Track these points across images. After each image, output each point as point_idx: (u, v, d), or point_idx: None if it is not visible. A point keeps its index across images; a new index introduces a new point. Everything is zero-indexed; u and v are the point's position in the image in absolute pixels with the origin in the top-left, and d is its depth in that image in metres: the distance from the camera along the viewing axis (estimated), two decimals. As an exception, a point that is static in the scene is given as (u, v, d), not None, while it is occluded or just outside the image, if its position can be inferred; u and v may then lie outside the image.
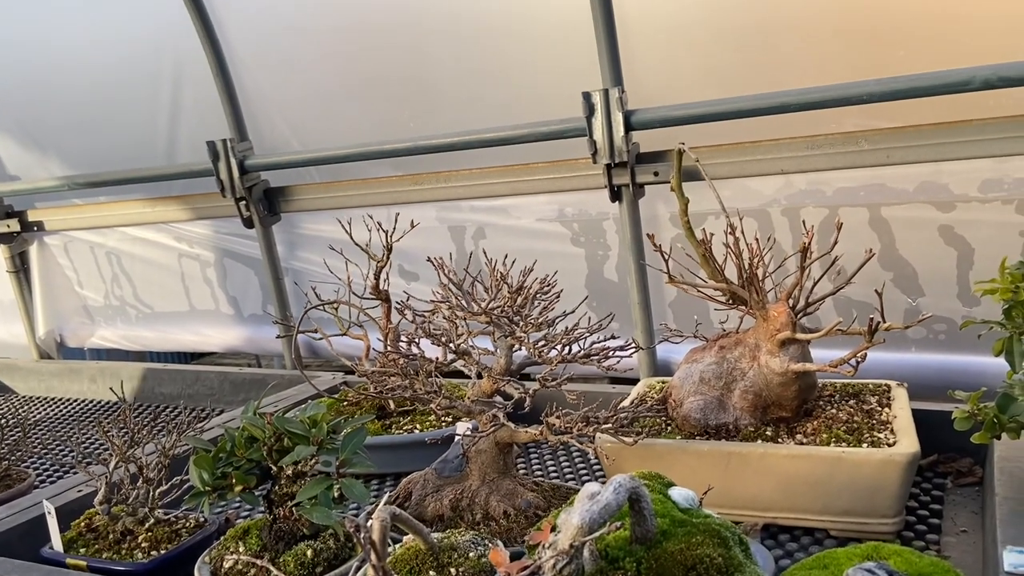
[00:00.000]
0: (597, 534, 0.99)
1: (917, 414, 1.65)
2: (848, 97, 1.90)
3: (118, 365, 3.04)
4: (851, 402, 1.74)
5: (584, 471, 1.95)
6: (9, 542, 1.67)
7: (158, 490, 1.64)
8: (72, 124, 3.05)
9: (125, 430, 1.67)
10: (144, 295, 3.25)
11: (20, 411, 2.11)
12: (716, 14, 2.09)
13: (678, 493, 1.22)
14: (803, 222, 1.86)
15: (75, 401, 2.99)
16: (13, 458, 2.02)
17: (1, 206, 3.29)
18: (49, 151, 3.17)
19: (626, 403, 1.80)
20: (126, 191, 3.02)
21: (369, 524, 1.07)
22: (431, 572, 1.22)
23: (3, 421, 2.13)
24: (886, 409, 1.70)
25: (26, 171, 3.27)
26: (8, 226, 3.29)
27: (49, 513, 1.60)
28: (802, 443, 1.59)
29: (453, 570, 1.22)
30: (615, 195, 2.20)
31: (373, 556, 1.08)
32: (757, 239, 1.68)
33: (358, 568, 1.26)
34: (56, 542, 1.60)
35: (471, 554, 1.25)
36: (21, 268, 3.40)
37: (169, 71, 2.78)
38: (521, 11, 2.29)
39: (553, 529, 1.07)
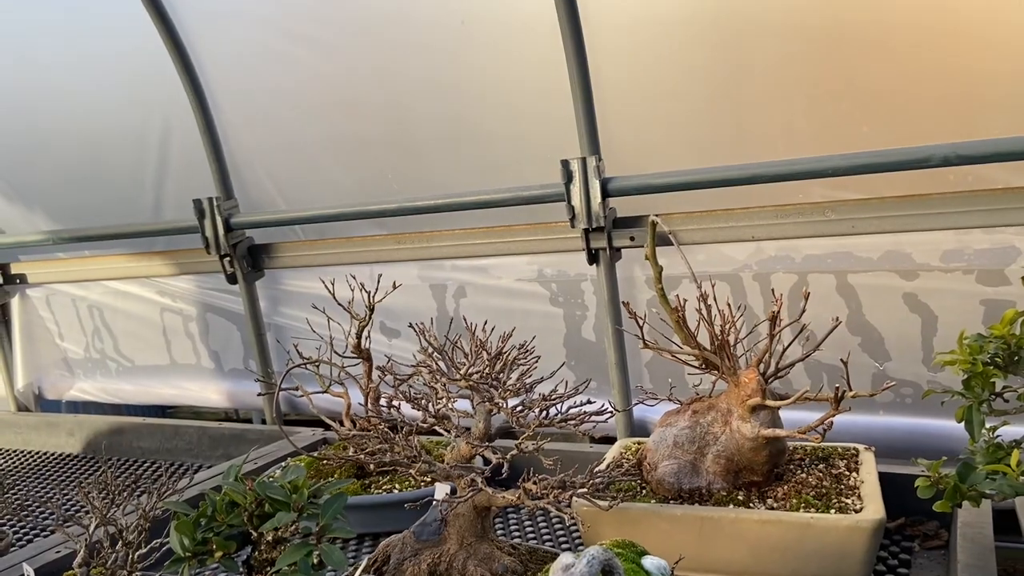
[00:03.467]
0: (570, 606, 1.03)
1: (885, 477, 1.71)
2: (815, 170, 1.98)
3: (96, 419, 3.04)
4: (820, 466, 1.79)
5: (561, 533, 1.98)
6: (-16, 606, 1.67)
7: (137, 553, 1.65)
8: (59, 180, 3.09)
9: (105, 491, 1.68)
10: (125, 348, 3.26)
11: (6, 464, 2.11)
12: (691, 86, 2.18)
13: (651, 562, 1.26)
14: (772, 290, 1.93)
15: (53, 455, 2.98)
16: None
17: (-16, 259, 3.31)
18: (34, 205, 3.20)
19: (602, 466, 1.83)
20: (110, 246, 3.06)
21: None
22: (409, 640, 1.24)
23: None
24: (854, 474, 1.75)
25: (9, 224, 3.29)
26: (-9, 279, 3.31)
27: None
28: (773, 508, 1.63)
29: (430, 638, 1.24)
30: (592, 258, 2.26)
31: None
32: (729, 305, 1.75)
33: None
34: (32, 606, 1.60)
35: (448, 622, 1.27)
36: (1, 320, 3.40)
37: (157, 130, 2.83)
38: (503, 78, 2.37)
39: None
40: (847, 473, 1.75)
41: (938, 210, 1.95)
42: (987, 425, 1.50)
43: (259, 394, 2.73)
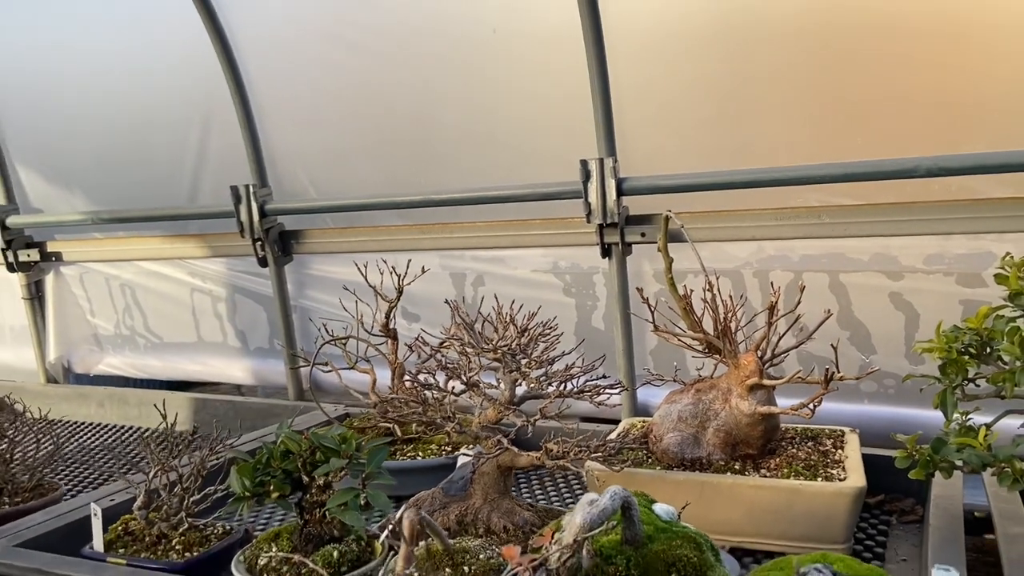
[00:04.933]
0: (595, 532, 1.21)
1: (867, 458, 1.88)
2: (811, 177, 2.17)
3: (126, 391, 3.20)
4: (810, 444, 1.98)
5: (569, 499, 2.16)
6: (51, 543, 1.83)
7: (192, 499, 1.83)
8: (100, 164, 3.26)
9: (165, 443, 1.86)
10: (154, 326, 3.43)
11: (42, 429, 2.28)
12: (701, 95, 2.37)
13: (660, 508, 1.44)
14: (771, 283, 2.12)
15: (83, 424, 3.15)
16: (47, 470, 2.19)
17: (22, 237, 3.47)
18: (74, 187, 3.37)
19: (612, 436, 2.02)
20: (145, 228, 3.23)
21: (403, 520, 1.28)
22: (447, 569, 1.42)
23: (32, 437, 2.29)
24: (839, 451, 1.93)
25: (48, 204, 3.46)
26: (28, 255, 3.47)
27: (95, 515, 1.77)
28: (766, 476, 1.81)
29: (466, 568, 1.42)
30: (605, 252, 2.45)
31: (404, 544, 1.29)
32: (731, 297, 1.93)
33: (388, 558, 1.45)
34: (98, 542, 1.77)
35: (481, 556, 1.45)
36: (36, 296, 3.57)
37: (199, 118, 3.01)
38: (525, 84, 2.56)
39: (553, 535, 1.29)
40: (833, 450, 1.94)
41: (923, 217, 2.14)
42: (960, 410, 1.68)
43: (292, 368, 2.90)
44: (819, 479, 1.76)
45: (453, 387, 1.83)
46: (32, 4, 3.12)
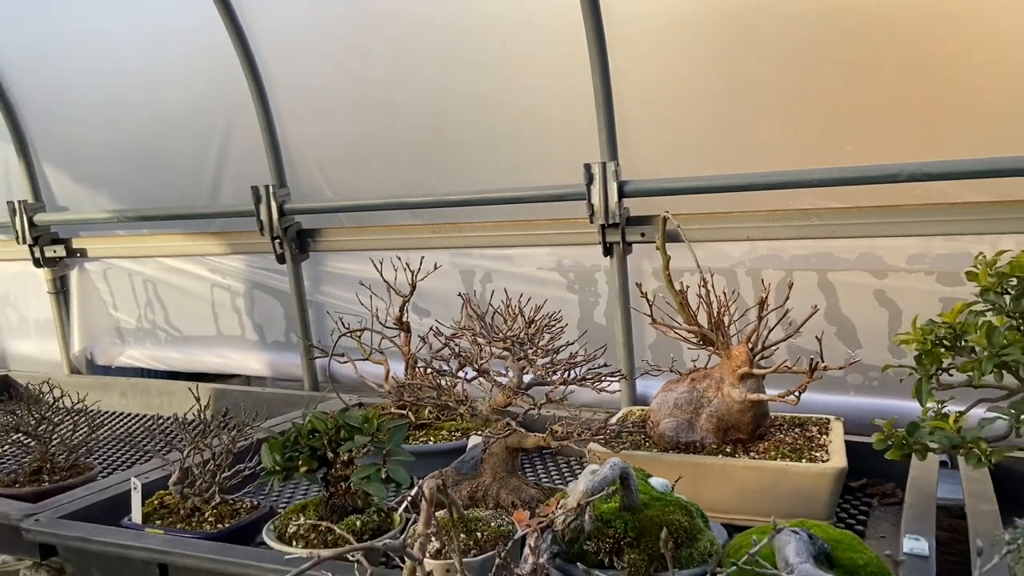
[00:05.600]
0: (597, 496, 1.35)
1: (852, 445, 2.02)
2: (801, 181, 2.31)
3: (148, 381, 3.36)
4: (797, 430, 2.12)
5: (572, 480, 2.30)
6: (92, 515, 1.97)
7: (223, 475, 1.97)
8: (124, 162, 3.41)
9: (198, 424, 2.00)
10: (175, 319, 3.58)
11: (77, 415, 2.43)
12: (699, 103, 2.50)
13: (656, 481, 1.59)
14: (762, 281, 2.25)
15: (107, 413, 3.29)
16: (82, 450, 2.33)
17: (48, 233, 3.62)
18: (99, 185, 3.52)
19: (613, 420, 2.16)
20: (168, 225, 3.38)
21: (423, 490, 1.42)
22: (462, 535, 1.56)
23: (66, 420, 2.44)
24: (824, 436, 2.07)
25: (74, 203, 3.61)
26: (54, 251, 3.62)
27: (136, 489, 1.91)
28: (755, 458, 1.95)
29: (479, 534, 1.56)
30: (607, 251, 2.59)
31: (424, 511, 1.43)
32: (725, 293, 2.08)
33: (408, 526, 1.60)
34: (136, 514, 1.92)
35: (492, 523, 1.60)
36: (61, 290, 3.72)
37: (221, 121, 3.16)
38: (533, 91, 2.70)
39: (558, 503, 1.43)
40: (818, 436, 2.08)
41: (906, 219, 2.28)
42: (936, 398, 1.82)
43: (308, 359, 3.05)
44: (803, 461, 1.90)
45: (465, 374, 1.98)
46: (59, 10, 3.27)
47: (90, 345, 3.77)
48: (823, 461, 1.90)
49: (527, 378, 2.00)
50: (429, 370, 1.96)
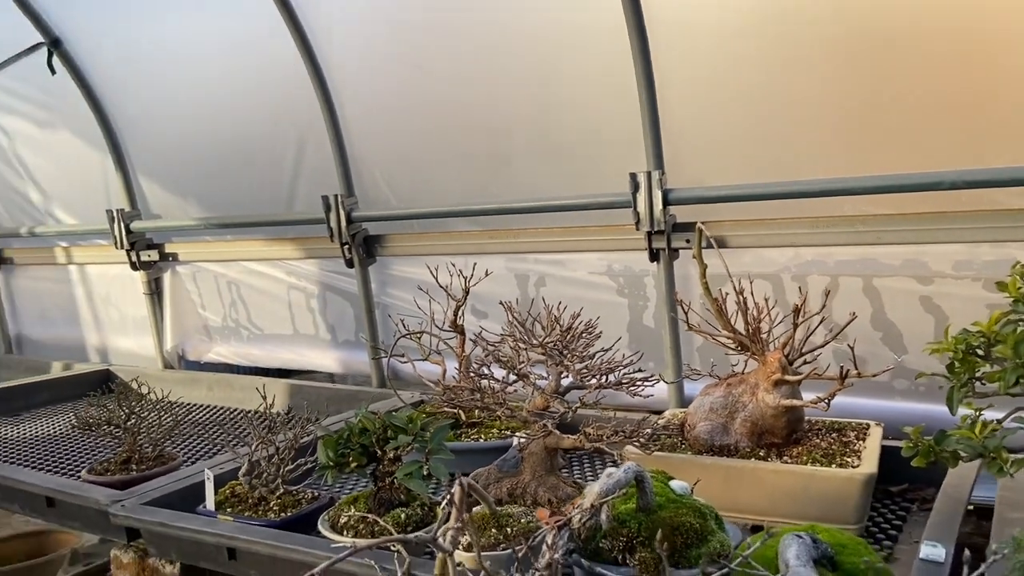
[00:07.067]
0: (610, 498, 1.46)
1: (894, 450, 2.02)
2: (845, 189, 2.34)
3: (231, 376, 3.61)
4: (834, 435, 2.15)
5: (615, 480, 2.39)
6: (171, 502, 2.19)
7: (286, 468, 2.16)
8: (210, 174, 3.68)
9: (265, 422, 2.20)
10: (256, 319, 3.84)
11: (163, 408, 2.67)
12: (744, 111, 2.55)
13: (676, 484, 1.68)
14: (799, 288, 2.29)
15: (195, 405, 3.57)
16: (167, 442, 2.57)
17: (143, 239, 3.93)
18: (188, 195, 3.81)
19: (659, 422, 2.25)
20: (249, 232, 3.64)
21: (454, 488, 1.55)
22: (493, 529, 1.69)
23: (153, 415, 2.69)
24: (861, 442, 2.10)
25: (167, 211, 3.91)
26: (149, 256, 3.94)
27: (208, 479, 2.12)
28: (786, 462, 2.01)
29: (508, 529, 1.69)
30: (653, 257, 2.67)
31: (455, 509, 1.57)
32: (767, 299, 2.12)
33: (443, 522, 1.73)
34: (210, 502, 2.12)
35: (522, 520, 1.72)
36: (155, 291, 4.04)
37: (295, 135, 3.38)
38: (583, 104, 2.79)
39: (577, 503, 1.54)
40: (855, 441, 2.11)
41: (952, 226, 2.27)
42: (975, 406, 1.84)
43: (372, 358, 3.24)
44: (834, 466, 1.95)
45: (505, 377, 2.10)
46: (152, 41, 3.55)
47: (181, 342, 4.07)
48: (853, 467, 1.94)
49: (565, 382, 2.11)
50: (471, 374, 2.09)
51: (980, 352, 1.86)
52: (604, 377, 2.05)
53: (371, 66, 3.10)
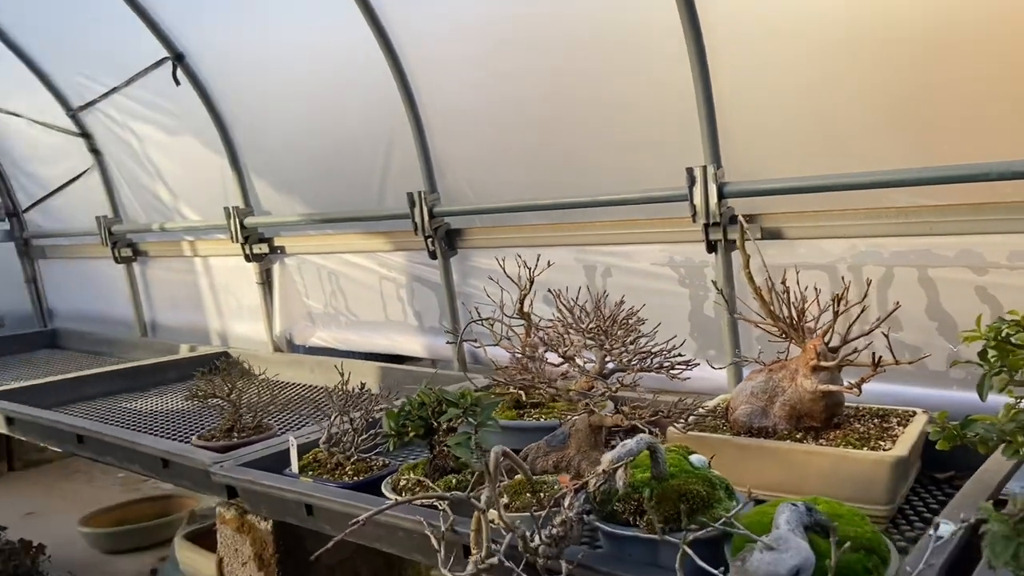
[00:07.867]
0: (621, 464, 1.61)
1: (942, 438, 2.09)
2: (897, 180, 2.37)
3: (329, 359, 3.94)
4: (876, 420, 2.21)
5: (665, 460, 2.52)
6: (264, 465, 2.48)
7: (360, 438, 2.41)
8: (312, 174, 4.02)
9: (343, 398, 2.46)
10: (353, 307, 4.16)
11: (263, 384, 3.00)
12: (798, 105, 2.62)
13: (695, 457, 1.81)
14: (842, 278, 2.34)
15: (298, 384, 3.92)
16: (265, 414, 2.89)
17: (256, 233, 4.33)
18: (293, 193, 4.17)
19: (711, 405, 2.36)
20: (346, 226, 3.96)
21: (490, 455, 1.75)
22: (528, 494, 1.88)
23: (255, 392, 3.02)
24: (901, 428, 2.15)
25: (276, 208, 4.29)
26: (260, 248, 4.33)
27: (292, 446, 2.40)
28: (821, 444, 2.09)
29: (542, 494, 1.87)
30: (711, 248, 2.77)
31: (491, 472, 1.76)
32: (816, 288, 2.20)
33: (475, 484, 1.94)
34: (295, 466, 2.40)
35: (555, 487, 1.89)
36: (266, 281, 4.44)
37: (384, 137, 3.66)
38: (648, 97, 2.92)
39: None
40: (896, 427, 2.16)
41: (1005, 216, 2.28)
42: (1016, 394, 1.87)
43: (447, 342, 3.48)
44: (866, 449, 2.02)
45: (556, 359, 2.28)
46: (261, 54, 3.91)
47: (289, 327, 4.45)
48: (885, 450, 2.00)
49: (610, 366, 2.27)
50: (523, 357, 2.28)
51: (1014, 341, 1.90)
52: (646, 361, 2.19)
53: (452, 74, 3.33)
